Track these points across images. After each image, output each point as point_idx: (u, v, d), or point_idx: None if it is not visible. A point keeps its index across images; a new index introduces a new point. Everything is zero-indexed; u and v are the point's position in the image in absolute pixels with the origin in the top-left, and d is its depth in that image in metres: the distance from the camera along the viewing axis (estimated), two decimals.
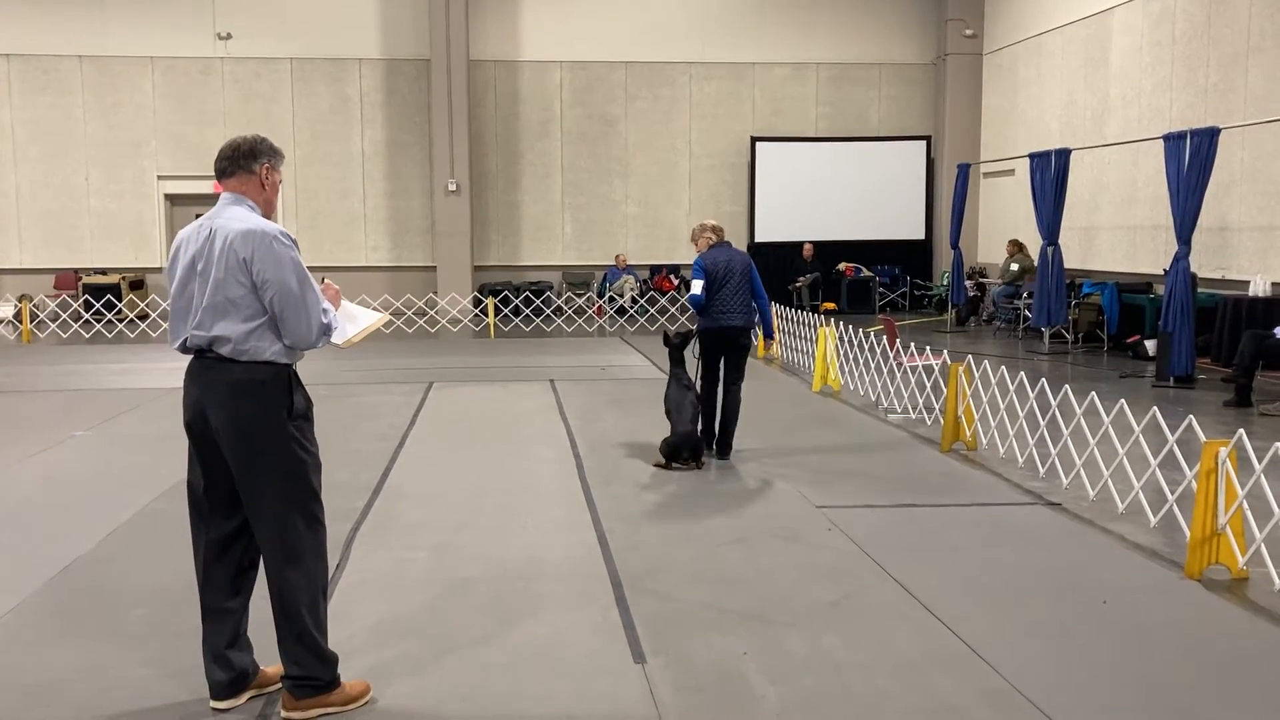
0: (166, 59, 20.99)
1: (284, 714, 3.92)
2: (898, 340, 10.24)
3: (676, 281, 21.69)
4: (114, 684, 4.16)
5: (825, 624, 4.80)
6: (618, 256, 21.73)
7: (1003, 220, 20.32)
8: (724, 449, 8.22)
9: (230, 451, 3.90)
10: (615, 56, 21.77)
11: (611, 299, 20.83)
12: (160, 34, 20.88)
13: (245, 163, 4.00)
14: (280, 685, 4.01)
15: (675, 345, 8.36)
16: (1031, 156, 14.79)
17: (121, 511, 6.57)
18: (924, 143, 22.15)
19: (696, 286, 8.38)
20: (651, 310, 19.37)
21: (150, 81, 21.05)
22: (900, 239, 22.11)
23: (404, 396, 11.13)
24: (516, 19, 21.61)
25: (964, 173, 17.60)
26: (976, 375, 8.55)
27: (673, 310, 18.81)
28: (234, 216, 3.92)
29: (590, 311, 20.32)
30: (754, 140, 21.85)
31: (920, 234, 22.23)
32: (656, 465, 7.88)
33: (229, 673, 4.00)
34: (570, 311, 20.79)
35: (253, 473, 3.89)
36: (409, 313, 19.48)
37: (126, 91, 21.03)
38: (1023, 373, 8.36)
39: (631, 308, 20.55)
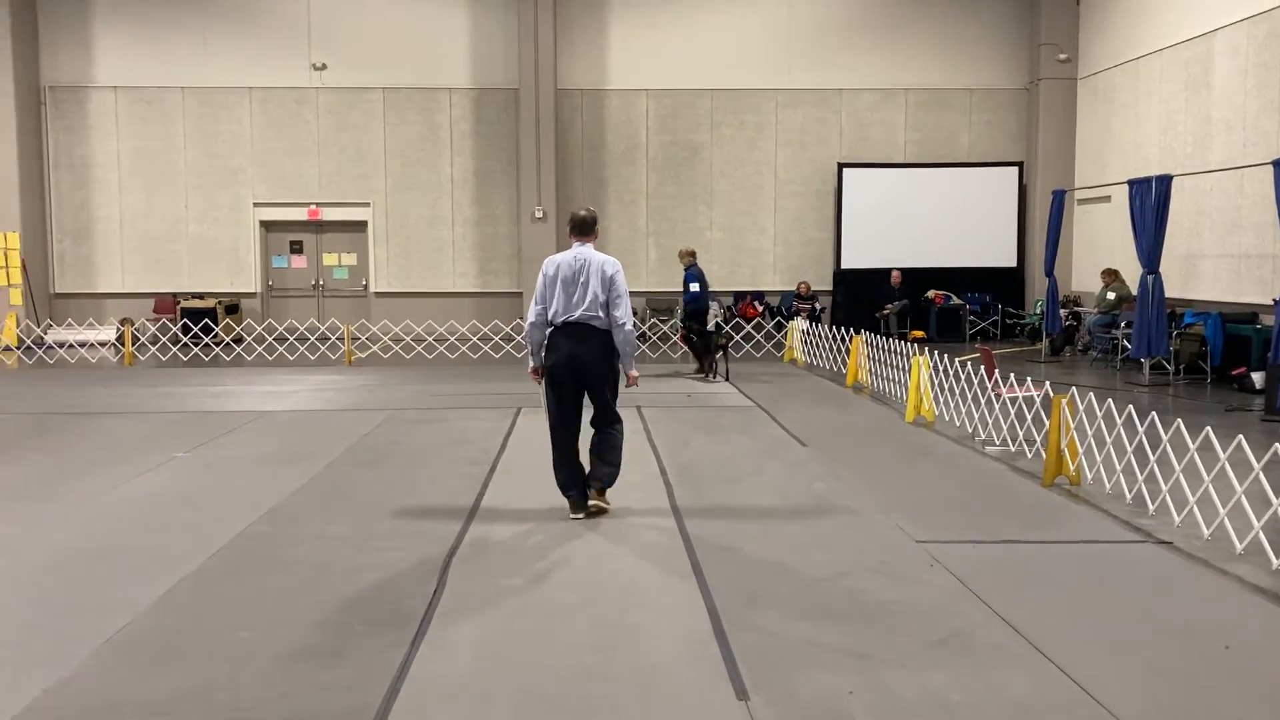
0: (264, 89, 21.57)
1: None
2: (996, 370, 9.99)
3: (761, 308, 21.58)
4: (220, 707, 4.18)
5: (932, 663, 4.64)
6: None
7: (1098, 248, 19.84)
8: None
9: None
10: (701, 84, 21.82)
11: (719, 328, 20.71)
12: (258, 65, 21.48)
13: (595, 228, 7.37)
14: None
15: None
16: (1131, 183, 14.40)
17: (223, 534, 6.66)
18: (1016, 169, 21.76)
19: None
20: (736, 337, 19.24)
21: (248, 111, 21.64)
22: (991, 266, 21.72)
23: (493, 422, 11.18)
24: (604, 48, 21.79)
25: (1059, 199, 17.22)
26: (1081, 407, 8.29)
27: (758, 337, 18.66)
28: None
29: (675, 338, 20.27)
30: (841, 166, 21.68)
31: (1012, 261, 21.81)
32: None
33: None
34: (654, 338, 20.77)
35: None
36: (496, 338, 19.63)
37: (225, 121, 21.65)
38: (1131, 406, 8.08)
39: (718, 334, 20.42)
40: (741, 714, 4.13)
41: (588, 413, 7.29)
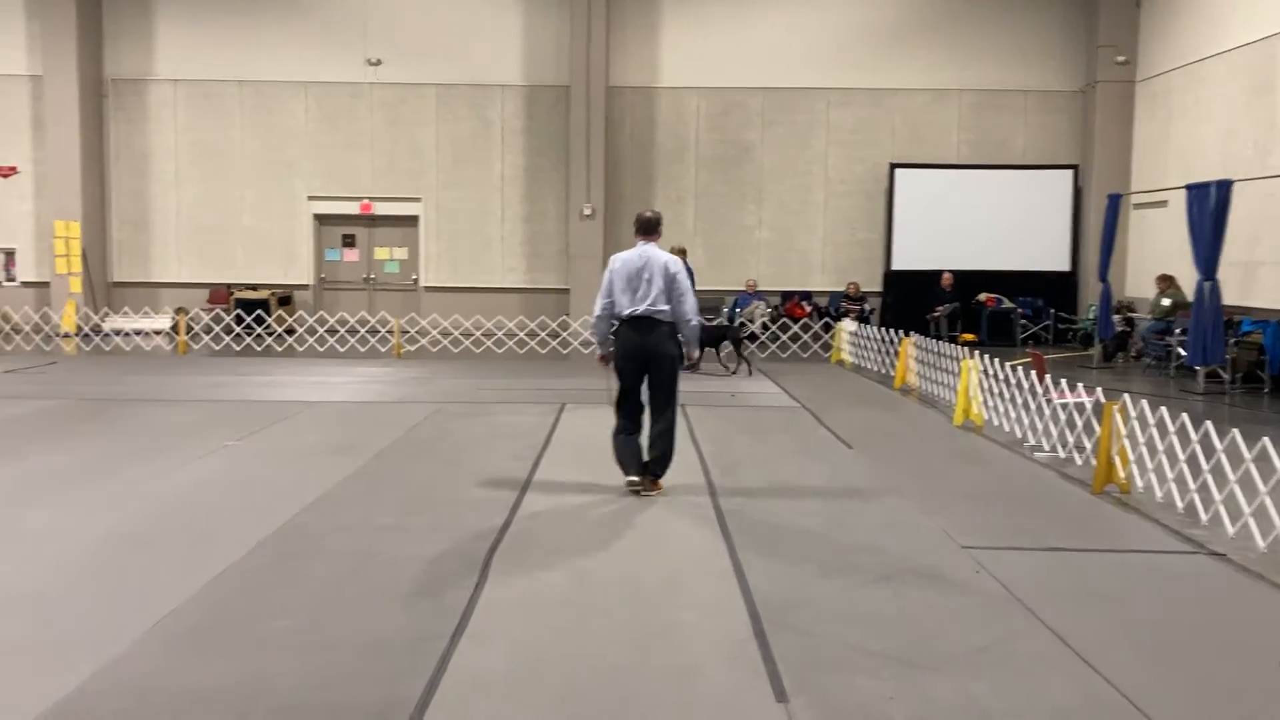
0: (319, 84, 21.81)
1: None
2: (1047, 375, 9.85)
3: (809, 308, 21.46)
4: (260, 694, 4.23)
5: (974, 670, 4.59)
6: (748, 282, 21.62)
7: (1153, 253, 19.49)
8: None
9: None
10: (752, 82, 21.74)
11: (742, 324, 20.67)
12: (314, 60, 21.72)
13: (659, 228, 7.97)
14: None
15: None
16: (1189, 188, 14.13)
17: (270, 522, 6.74)
18: (1071, 172, 21.46)
19: None
20: (783, 337, 19.15)
21: (303, 105, 21.89)
22: (1044, 270, 21.43)
23: (538, 417, 11.22)
24: (655, 46, 21.78)
25: (1114, 203, 16.94)
26: (1133, 414, 8.15)
27: (805, 338, 18.56)
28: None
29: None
30: (893, 167, 21.50)
31: (1065, 265, 21.51)
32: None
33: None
34: (697, 340, 20.68)
35: None
36: (543, 334, 19.70)
37: (281, 115, 21.92)
38: (1184, 414, 7.94)
39: (763, 334, 20.37)
40: (780, 716, 4.11)
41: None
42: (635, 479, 7.67)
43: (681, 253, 16.23)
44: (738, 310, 21.06)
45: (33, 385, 13.45)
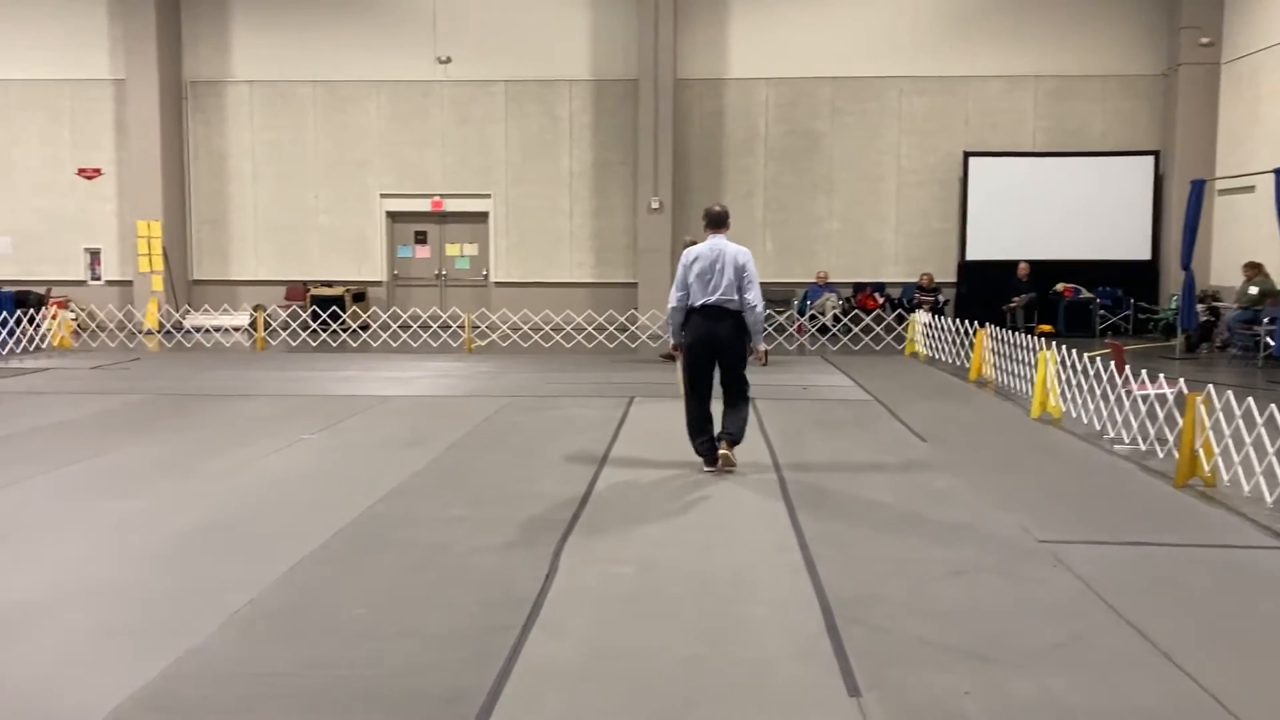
0: (390, 83, 22.09)
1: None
2: (1127, 366, 9.61)
3: (881, 300, 21.22)
4: (334, 681, 4.29)
5: (1052, 666, 4.49)
6: (819, 274, 21.43)
7: (1240, 240, 18.92)
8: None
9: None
10: (822, 72, 21.53)
11: (813, 317, 20.54)
12: (385, 59, 21.99)
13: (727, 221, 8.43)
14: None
15: None
16: (1277, 172, 13.68)
17: (346, 513, 6.84)
18: (1151, 158, 20.92)
19: None
20: (855, 329, 18.96)
21: (375, 104, 22.19)
22: (1124, 259, 20.92)
23: (607, 410, 11.25)
24: (723, 37, 21.68)
25: (1198, 190, 16.47)
26: (1218, 406, 7.92)
27: (878, 330, 18.34)
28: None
29: (791, 330, 20.10)
30: (967, 155, 21.16)
31: (1146, 254, 20.98)
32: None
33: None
34: (770, 329, 20.61)
35: None
36: (611, 328, 19.75)
37: (353, 114, 22.25)
38: (1273, 406, 7.69)
39: (834, 326, 20.20)
40: (853, 711, 4.06)
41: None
42: (710, 468, 8.12)
43: (691, 244, 16.19)
44: (809, 302, 20.89)
45: (118, 381, 13.83)
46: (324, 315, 20.57)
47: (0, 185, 22.54)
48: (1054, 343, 11.38)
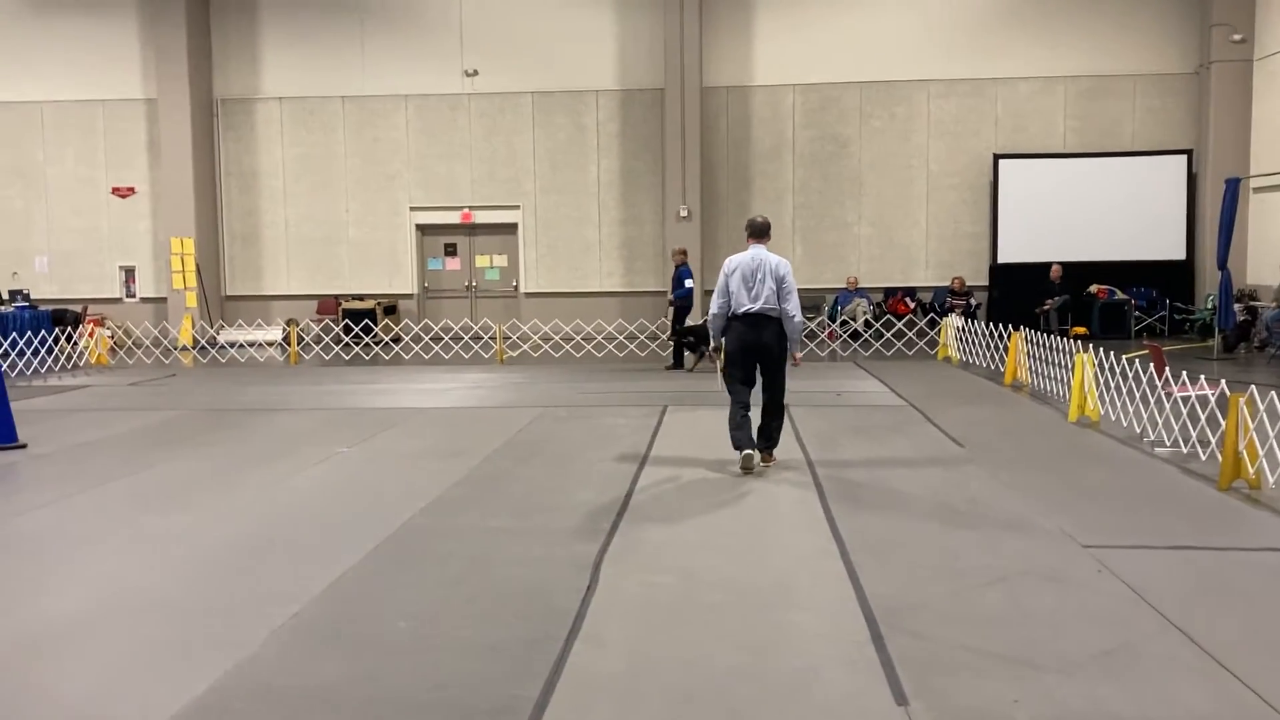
0: (419, 96, 22.25)
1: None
2: (1166, 368, 9.51)
3: (913, 304, 21.12)
4: (380, 693, 4.31)
5: (1100, 673, 4.44)
6: (849, 279, 21.37)
7: (1276, 238, 18.73)
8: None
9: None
10: (849, 77, 21.50)
11: (844, 323, 20.46)
12: (413, 73, 22.16)
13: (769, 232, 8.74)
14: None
15: None
16: None
17: (386, 526, 6.88)
18: (1184, 157, 20.73)
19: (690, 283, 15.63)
20: (887, 334, 18.87)
21: (404, 118, 22.34)
22: (1158, 259, 20.74)
23: (640, 419, 11.25)
24: (749, 44, 21.69)
25: (1232, 188, 16.30)
26: (1261, 406, 7.82)
27: (910, 335, 18.26)
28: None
29: (822, 336, 20.04)
30: (997, 158, 21.05)
31: (1180, 254, 20.78)
32: None
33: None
34: (800, 335, 20.52)
35: None
36: (642, 336, 19.75)
37: (383, 128, 22.42)
38: None
39: (866, 331, 20.11)
40: (900, 719, 4.04)
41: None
42: (749, 453, 8.37)
43: (683, 254, 16.60)
44: (839, 308, 20.83)
45: (156, 397, 13.97)
46: (356, 329, 20.70)
47: (37, 205, 22.87)
48: (1090, 345, 11.28)
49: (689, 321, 16.23)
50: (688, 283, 16.24)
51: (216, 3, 22.44)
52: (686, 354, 16.00)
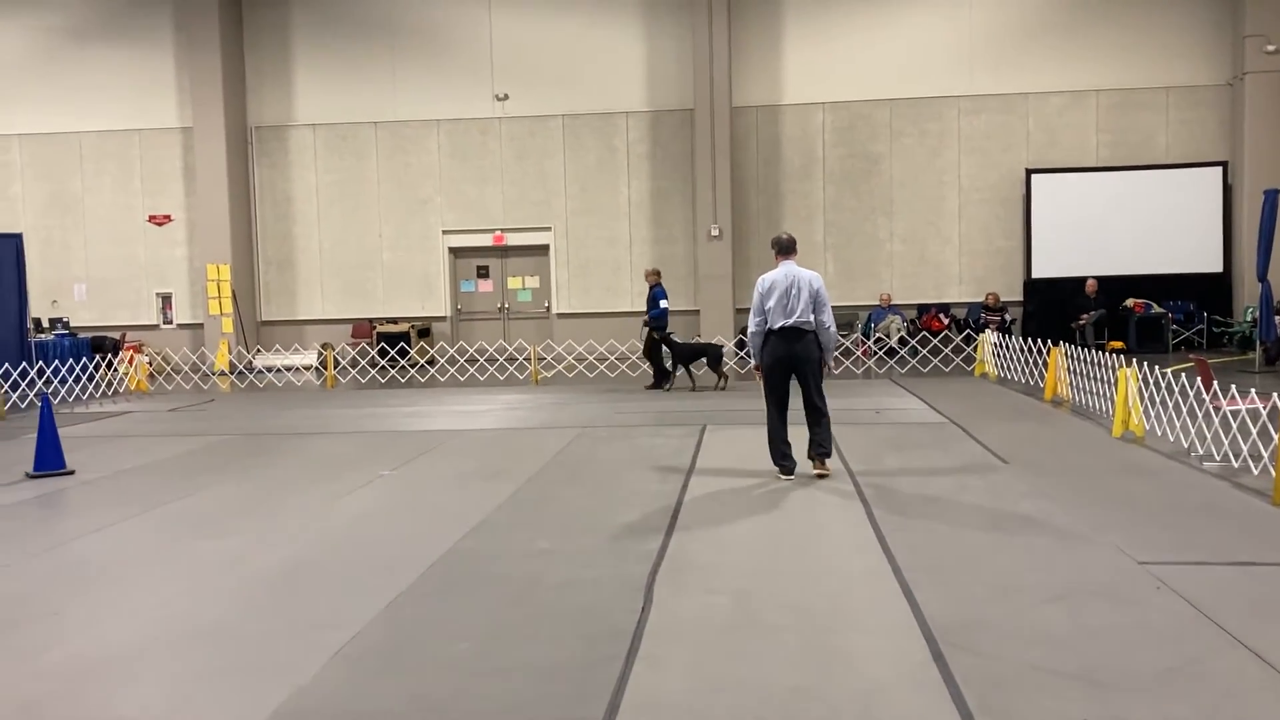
0: (450, 121, 22.42)
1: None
2: (1214, 382, 9.42)
3: (947, 320, 21.02)
4: (445, 717, 4.30)
5: (1170, 692, 4.38)
6: (882, 296, 21.30)
7: None
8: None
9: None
10: (879, 95, 21.50)
11: (878, 340, 20.39)
12: (444, 98, 22.35)
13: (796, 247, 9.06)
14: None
15: None
16: None
17: (435, 548, 6.89)
18: (1219, 169, 20.58)
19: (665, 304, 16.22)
20: (923, 351, 18.79)
21: (436, 142, 22.52)
22: (1195, 272, 20.58)
23: (679, 439, 11.24)
24: (779, 64, 21.74)
25: (1270, 199, 16.14)
26: None
27: (946, 351, 18.17)
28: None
29: (857, 353, 19.97)
30: (1029, 172, 20.96)
31: (1217, 266, 20.60)
32: None
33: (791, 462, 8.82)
34: (836, 353, 20.47)
35: None
36: None
37: (415, 153, 22.60)
38: None
39: (901, 349, 20.04)
40: None
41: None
42: (787, 464, 8.82)
43: (657, 274, 16.68)
44: (872, 325, 20.77)
45: (196, 422, 14.09)
46: (391, 352, 20.81)
47: (75, 234, 23.18)
48: (1129, 359, 11.18)
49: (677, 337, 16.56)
50: (662, 303, 16.49)
51: (250, 31, 22.74)
52: (691, 371, 16.24)
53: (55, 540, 7.58)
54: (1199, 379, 9.71)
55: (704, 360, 16.18)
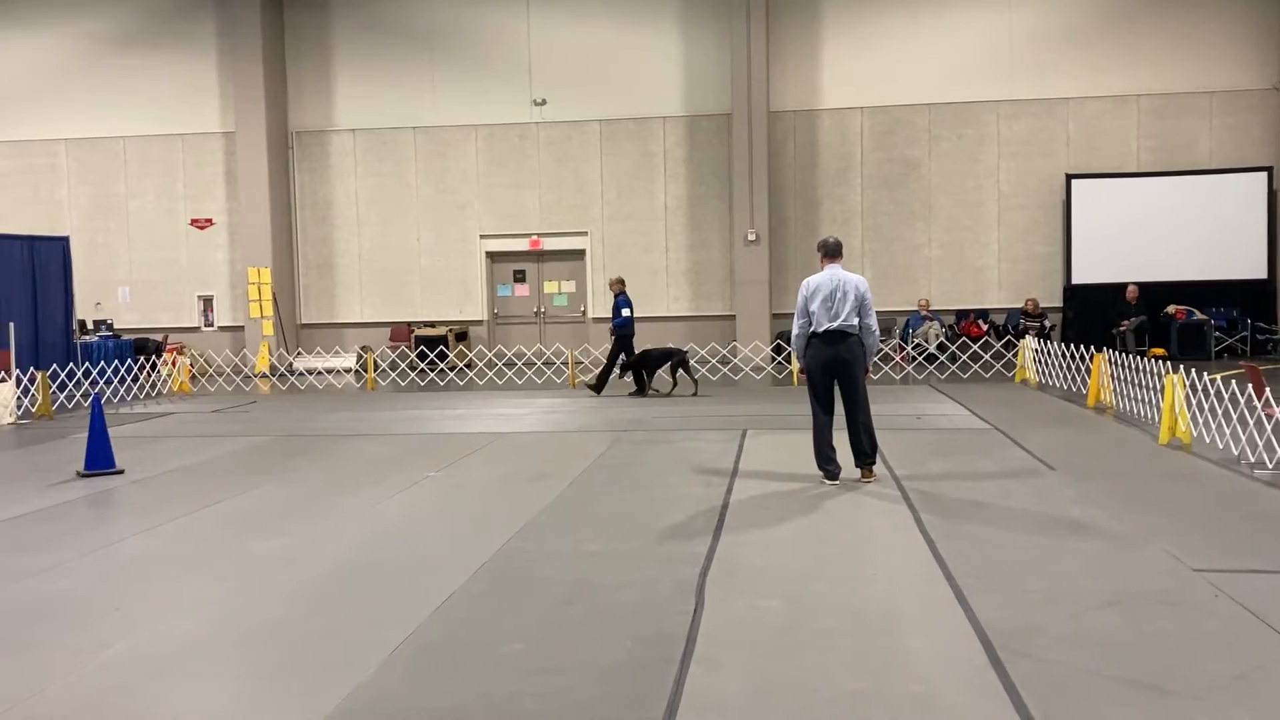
0: (488, 126, 22.55)
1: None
2: (1266, 389, 9.31)
3: (985, 326, 20.89)
4: (504, 716, 4.33)
5: (1233, 698, 4.34)
6: (920, 301, 21.20)
7: None
8: None
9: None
10: (917, 99, 21.43)
11: (917, 345, 20.30)
12: (483, 104, 22.48)
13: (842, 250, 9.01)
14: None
15: None
16: None
17: (483, 550, 6.93)
18: (1264, 174, 20.35)
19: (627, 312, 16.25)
20: (963, 357, 18.68)
21: (474, 147, 22.65)
22: (1238, 278, 20.35)
23: (721, 443, 11.24)
24: (817, 69, 21.71)
25: None
26: None
27: (986, 357, 18.06)
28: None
29: (897, 359, 19.89)
30: (1069, 178, 20.81)
31: (1262, 273, 20.37)
32: None
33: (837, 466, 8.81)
34: (875, 359, 20.38)
35: None
36: (713, 360, 19.75)
37: (453, 158, 22.75)
38: None
39: (941, 354, 19.93)
40: None
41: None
42: (832, 468, 8.83)
43: (621, 283, 16.79)
44: (910, 330, 20.67)
45: (239, 424, 14.24)
46: (430, 355, 20.93)
47: (119, 238, 23.50)
48: (1173, 365, 11.08)
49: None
50: (625, 312, 16.53)
51: (292, 37, 22.98)
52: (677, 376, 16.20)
53: (109, 538, 7.69)
54: (1250, 385, 9.60)
55: (674, 366, 16.01)
